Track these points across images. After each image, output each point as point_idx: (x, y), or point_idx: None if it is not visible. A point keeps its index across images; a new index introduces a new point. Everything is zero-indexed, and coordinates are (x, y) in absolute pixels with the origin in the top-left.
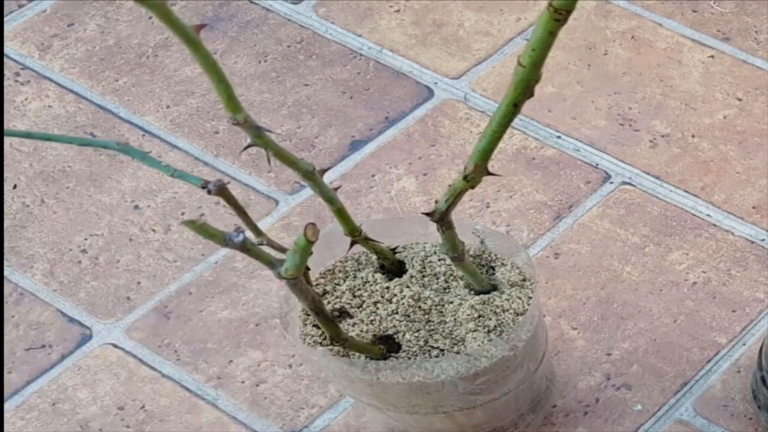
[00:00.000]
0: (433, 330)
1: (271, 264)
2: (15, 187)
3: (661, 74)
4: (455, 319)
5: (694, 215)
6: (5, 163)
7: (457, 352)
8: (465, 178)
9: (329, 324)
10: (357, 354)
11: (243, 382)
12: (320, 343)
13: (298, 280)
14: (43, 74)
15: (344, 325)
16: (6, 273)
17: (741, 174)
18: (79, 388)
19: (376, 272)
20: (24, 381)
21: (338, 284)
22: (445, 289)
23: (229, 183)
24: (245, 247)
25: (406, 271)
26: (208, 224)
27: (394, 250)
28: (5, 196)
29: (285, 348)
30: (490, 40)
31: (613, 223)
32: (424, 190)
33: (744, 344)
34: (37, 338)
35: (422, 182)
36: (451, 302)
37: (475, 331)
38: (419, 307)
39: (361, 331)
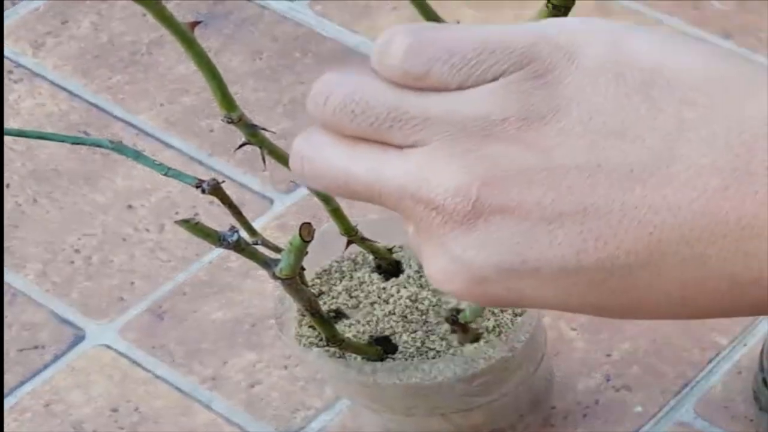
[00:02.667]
0: (430, 331)
1: (266, 264)
2: (7, 186)
3: None
4: None
5: None
6: None
7: (455, 354)
8: None
9: (325, 325)
10: (353, 355)
11: (238, 383)
12: (316, 344)
13: (294, 281)
14: (36, 72)
15: (340, 326)
16: None
17: None
18: (72, 390)
19: (372, 272)
20: (17, 382)
21: (334, 285)
22: None
23: (223, 182)
24: (240, 247)
25: (403, 271)
26: (202, 224)
27: (390, 250)
28: None
29: (280, 349)
30: None
31: None
32: None
33: (745, 345)
34: (29, 339)
35: None
36: (449, 303)
37: None
38: (416, 307)
39: (358, 332)
